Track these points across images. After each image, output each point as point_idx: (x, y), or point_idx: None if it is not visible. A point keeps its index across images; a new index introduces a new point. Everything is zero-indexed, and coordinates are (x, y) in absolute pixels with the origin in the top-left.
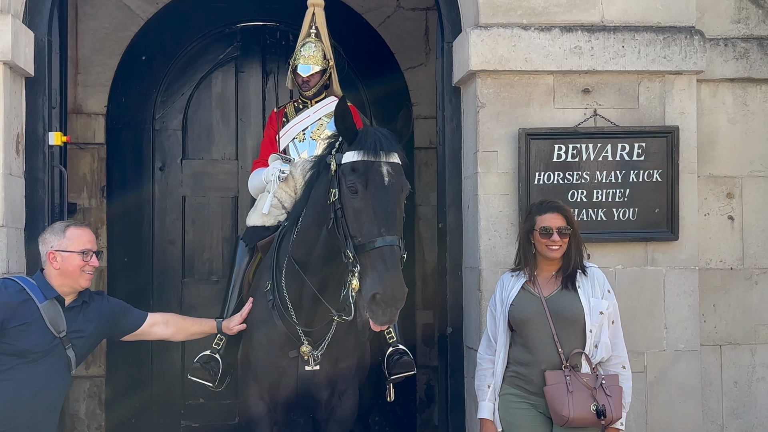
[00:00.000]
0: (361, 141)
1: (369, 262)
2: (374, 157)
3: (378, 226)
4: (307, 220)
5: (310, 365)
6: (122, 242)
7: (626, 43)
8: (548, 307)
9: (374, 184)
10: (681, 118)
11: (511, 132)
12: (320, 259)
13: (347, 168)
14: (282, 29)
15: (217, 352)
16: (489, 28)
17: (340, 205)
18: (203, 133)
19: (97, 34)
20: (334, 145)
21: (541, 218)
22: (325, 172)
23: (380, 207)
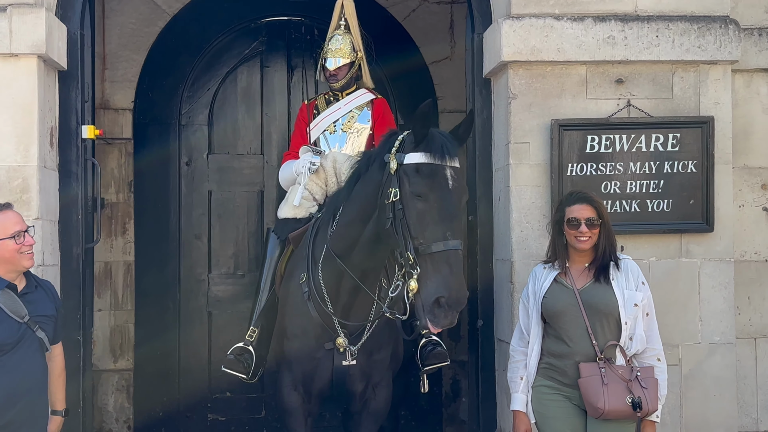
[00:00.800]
0: (429, 143)
1: (432, 266)
2: (440, 161)
3: (443, 229)
4: (349, 214)
5: (347, 359)
6: (149, 237)
7: (660, 33)
8: (581, 299)
9: (440, 188)
10: (716, 108)
11: (544, 123)
12: (362, 254)
13: (411, 169)
14: (307, 24)
15: (251, 344)
16: (521, 19)
17: (401, 206)
18: (229, 127)
19: (124, 29)
20: (392, 144)
21: (570, 209)
22: (376, 169)
23: (445, 210)
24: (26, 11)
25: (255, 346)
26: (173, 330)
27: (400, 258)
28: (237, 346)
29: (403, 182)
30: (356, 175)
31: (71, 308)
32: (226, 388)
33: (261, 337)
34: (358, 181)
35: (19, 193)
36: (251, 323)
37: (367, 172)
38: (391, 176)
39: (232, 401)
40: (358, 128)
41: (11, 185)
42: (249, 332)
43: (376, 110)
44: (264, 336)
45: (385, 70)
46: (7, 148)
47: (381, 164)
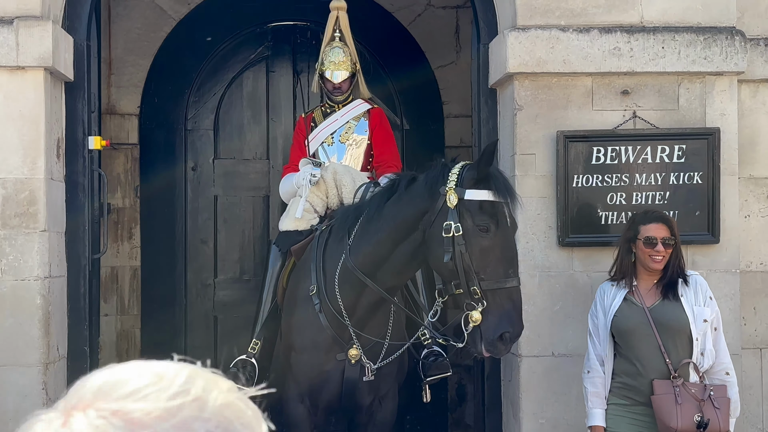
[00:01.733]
0: (491, 181)
1: (496, 301)
2: (503, 198)
3: (506, 266)
4: (379, 232)
5: (367, 375)
6: (156, 242)
7: (666, 44)
8: (652, 318)
9: (503, 225)
10: (722, 119)
11: (549, 134)
12: (390, 273)
13: (474, 205)
14: (312, 29)
15: (253, 356)
16: (527, 30)
17: (464, 241)
18: (235, 132)
19: (130, 34)
20: (446, 175)
21: (646, 228)
22: (421, 194)
23: (508, 248)
24: (33, 24)
25: (258, 358)
26: (179, 335)
27: (455, 289)
28: (240, 359)
29: (465, 218)
30: (386, 194)
31: (78, 319)
32: None
33: (263, 350)
34: (389, 200)
35: (26, 206)
36: (254, 335)
37: (406, 194)
38: (449, 209)
39: None
40: (356, 139)
41: (18, 198)
42: (252, 344)
43: (373, 120)
44: (267, 348)
45: (390, 75)
46: (14, 160)
47: (428, 192)
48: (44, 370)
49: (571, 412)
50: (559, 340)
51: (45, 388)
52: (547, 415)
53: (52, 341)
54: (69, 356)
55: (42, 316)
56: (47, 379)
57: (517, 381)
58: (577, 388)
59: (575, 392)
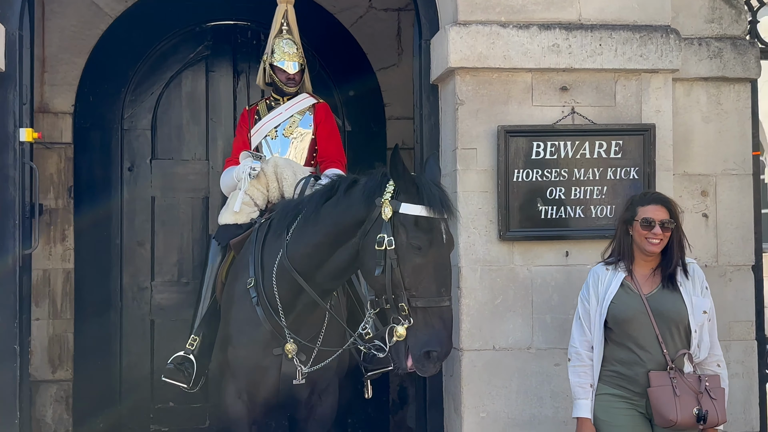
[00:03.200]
0: (426, 196)
1: (425, 319)
2: (439, 215)
3: (438, 285)
4: (316, 235)
5: (297, 379)
6: (90, 244)
7: (603, 42)
8: (650, 306)
9: (437, 243)
10: (657, 116)
11: (490, 129)
12: (327, 276)
13: (409, 221)
14: (253, 29)
15: (191, 352)
16: (468, 26)
17: (396, 256)
18: (173, 133)
19: (65, 32)
20: (384, 186)
21: (644, 209)
22: (359, 201)
23: (441, 266)
24: None
25: (196, 354)
26: (114, 339)
27: (386, 304)
28: (177, 355)
29: (400, 232)
30: (325, 194)
31: (7, 317)
32: (170, 398)
33: (203, 346)
34: (328, 201)
35: None
36: (192, 331)
37: (344, 199)
38: (383, 222)
39: (175, 412)
40: (301, 133)
41: None
42: (190, 341)
43: (318, 114)
44: (206, 344)
45: (332, 76)
46: None
47: (365, 200)
48: None
49: (512, 405)
50: (500, 333)
51: None
52: (488, 408)
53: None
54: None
55: None
56: None
57: (459, 375)
58: (518, 382)
59: (515, 386)
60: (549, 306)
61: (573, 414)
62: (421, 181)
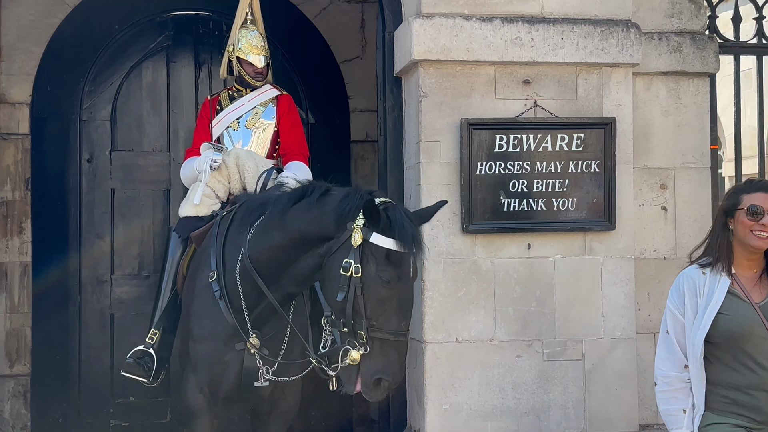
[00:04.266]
0: (398, 230)
1: (381, 349)
2: (409, 250)
3: (399, 318)
4: (282, 237)
5: (259, 381)
6: (48, 236)
7: (565, 35)
8: (766, 318)
9: (404, 277)
10: (618, 110)
11: (454, 122)
12: (291, 281)
13: (380, 252)
14: (215, 19)
15: (151, 346)
16: (431, 18)
17: (362, 284)
18: (133, 124)
19: (22, 21)
20: (358, 208)
21: (750, 197)
22: (329, 214)
23: (405, 299)
24: None
25: (156, 348)
26: (73, 333)
27: (343, 327)
28: (137, 349)
29: (368, 262)
30: (295, 197)
31: None
32: (130, 393)
33: (163, 340)
34: (296, 204)
35: None
36: (152, 325)
37: (316, 208)
38: (351, 247)
39: (135, 406)
40: (263, 124)
41: None
42: (150, 334)
43: (281, 106)
44: (166, 338)
45: (295, 67)
46: None
47: (336, 218)
48: None
49: (474, 396)
50: (462, 325)
51: None
52: (451, 400)
53: None
54: None
55: None
56: None
57: (422, 367)
58: (480, 374)
59: (478, 377)
60: (511, 298)
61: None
62: (394, 215)
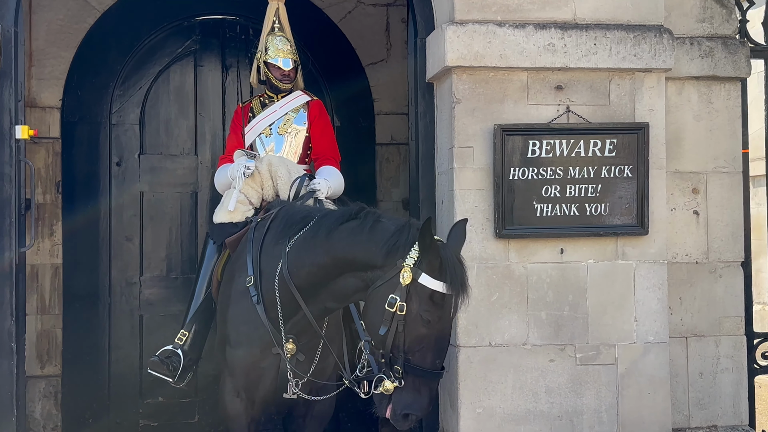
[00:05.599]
0: (449, 274)
1: (413, 383)
2: (455, 292)
3: (435, 357)
4: (324, 256)
5: (288, 393)
6: (78, 239)
7: (598, 41)
8: None
9: (446, 317)
10: (650, 114)
11: (487, 128)
12: (330, 298)
13: (425, 292)
14: (242, 23)
15: (180, 347)
16: (464, 24)
17: (404, 322)
18: (161, 127)
19: (52, 26)
20: (410, 245)
21: None
22: (380, 247)
23: (443, 338)
24: None
25: (186, 349)
26: (103, 334)
27: (381, 358)
28: (165, 349)
29: (413, 301)
30: (343, 218)
31: (4, 315)
32: (159, 393)
33: (194, 341)
34: (344, 224)
35: None
36: (183, 326)
37: (366, 235)
38: (399, 285)
39: (164, 406)
40: (295, 129)
41: None
42: (179, 335)
43: (312, 111)
44: (197, 339)
45: (321, 71)
46: None
47: (385, 253)
48: None
49: (508, 400)
50: (495, 330)
51: None
52: (485, 404)
53: None
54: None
55: None
56: None
57: (455, 371)
58: (513, 378)
59: (511, 381)
60: (544, 303)
61: None
62: (446, 255)
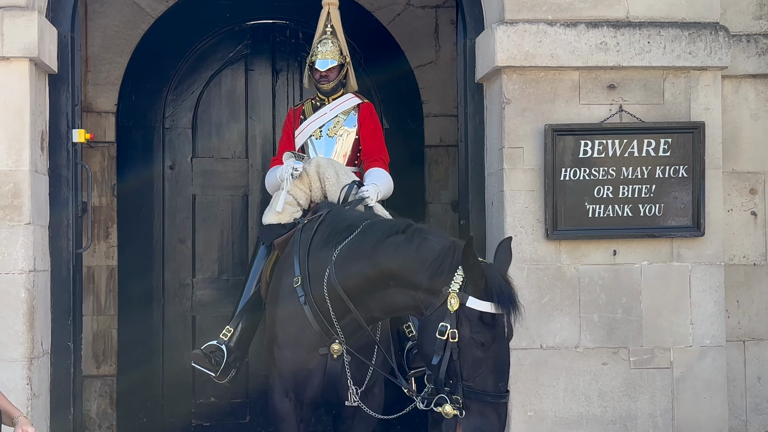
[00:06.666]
0: (495, 293)
1: (479, 410)
2: (506, 311)
3: (497, 380)
4: (371, 267)
5: (350, 401)
6: (133, 241)
7: (651, 39)
8: None
9: (500, 338)
10: (706, 113)
11: (537, 128)
12: (378, 308)
13: (474, 315)
14: (292, 27)
15: (224, 343)
16: (515, 24)
17: (458, 349)
18: (213, 131)
19: (107, 32)
20: (455, 268)
21: None
22: (426, 269)
23: (501, 360)
24: (18, 14)
25: (230, 345)
26: (157, 335)
27: (444, 387)
28: (209, 344)
29: (463, 326)
30: (391, 231)
31: (61, 314)
32: (211, 393)
33: (240, 338)
34: (391, 237)
35: (10, 198)
36: (229, 323)
37: (414, 254)
38: (448, 312)
39: (216, 407)
40: (346, 131)
41: (2, 190)
42: (224, 331)
43: (363, 114)
44: (243, 337)
45: (370, 74)
46: None
47: (432, 275)
48: (29, 365)
49: (559, 404)
50: (546, 332)
51: (29, 383)
52: (536, 407)
53: (36, 336)
54: (52, 351)
55: (26, 311)
56: (31, 374)
57: None
58: (565, 381)
59: (563, 385)
60: (597, 305)
61: None
62: (490, 275)
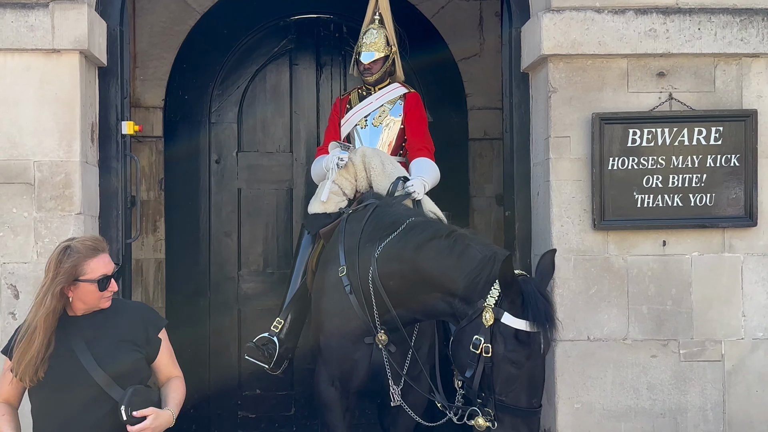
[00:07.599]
0: (531, 311)
1: (512, 423)
2: (542, 328)
3: (530, 396)
4: (413, 272)
5: (393, 401)
6: (180, 234)
7: (702, 26)
8: None
9: (535, 356)
10: (758, 101)
11: (584, 117)
12: (418, 309)
13: (509, 332)
14: (336, 21)
15: (276, 335)
16: (561, 12)
17: (491, 364)
18: (258, 125)
19: (154, 28)
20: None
21: None
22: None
23: (535, 377)
24: (68, 7)
25: (282, 338)
26: (203, 327)
27: (475, 398)
28: (261, 336)
29: (498, 342)
30: (435, 234)
31: None
32: (256, 386)
33: (290, 329)
34: (432, 240)
35: (61, 189)
36: (279, 314)
37: (455, 261)
38: (482, 325)
39: (262, 398)
40: (392, 121)
41: (54, 180)
42: (275, 323)
43: (408, 103)
44: (293, 328)
45: (414, 66)
46: (49, 143)
47: (468, 281)
48: None
49: (607, 396)
50: (594, 323)
51: None
52: (583, 399)
53: None
54: None
55: None
56: None
57: (552, 365)
58: (613, 373)
59: (611, 377)
60: (645, 296)
61: None
62: (527, 291)
